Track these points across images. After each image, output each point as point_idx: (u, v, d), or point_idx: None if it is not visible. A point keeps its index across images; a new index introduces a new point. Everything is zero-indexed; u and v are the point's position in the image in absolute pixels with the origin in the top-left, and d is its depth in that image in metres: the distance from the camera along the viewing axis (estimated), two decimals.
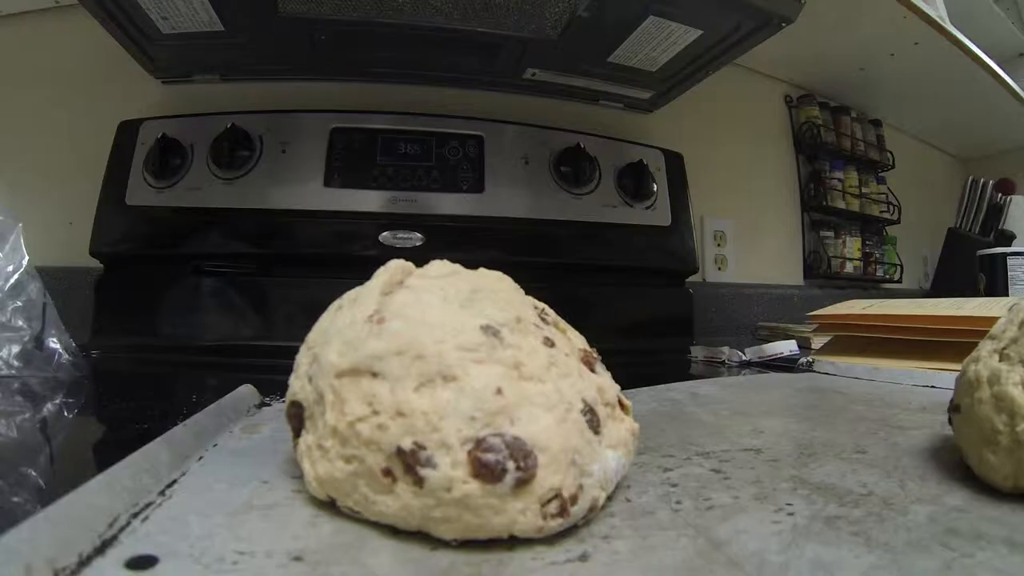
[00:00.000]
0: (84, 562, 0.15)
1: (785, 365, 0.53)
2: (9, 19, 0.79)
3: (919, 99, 1.24)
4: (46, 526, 0.14)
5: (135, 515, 0.17)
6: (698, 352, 0.67)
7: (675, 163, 0.82)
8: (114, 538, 0.16)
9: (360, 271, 0.23)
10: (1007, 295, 0.90)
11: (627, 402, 0.22)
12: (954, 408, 0.24)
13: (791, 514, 0.19)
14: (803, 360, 0.48)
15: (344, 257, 0.68)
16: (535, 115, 0.83)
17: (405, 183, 0.70)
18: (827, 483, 0.22)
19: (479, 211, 0.71)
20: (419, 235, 0.68)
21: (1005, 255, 0.94)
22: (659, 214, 0.79)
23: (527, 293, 0.22)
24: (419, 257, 0.21)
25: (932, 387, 0.39)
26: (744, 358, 0.63)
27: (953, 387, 0.24)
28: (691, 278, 0.87)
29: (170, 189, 0.67)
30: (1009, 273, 0.93)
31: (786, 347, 0.63)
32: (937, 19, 0.99)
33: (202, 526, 0.17)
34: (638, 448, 0.23)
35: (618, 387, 0.22)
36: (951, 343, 0.46)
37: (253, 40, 0.69)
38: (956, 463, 0.23)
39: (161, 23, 0.63)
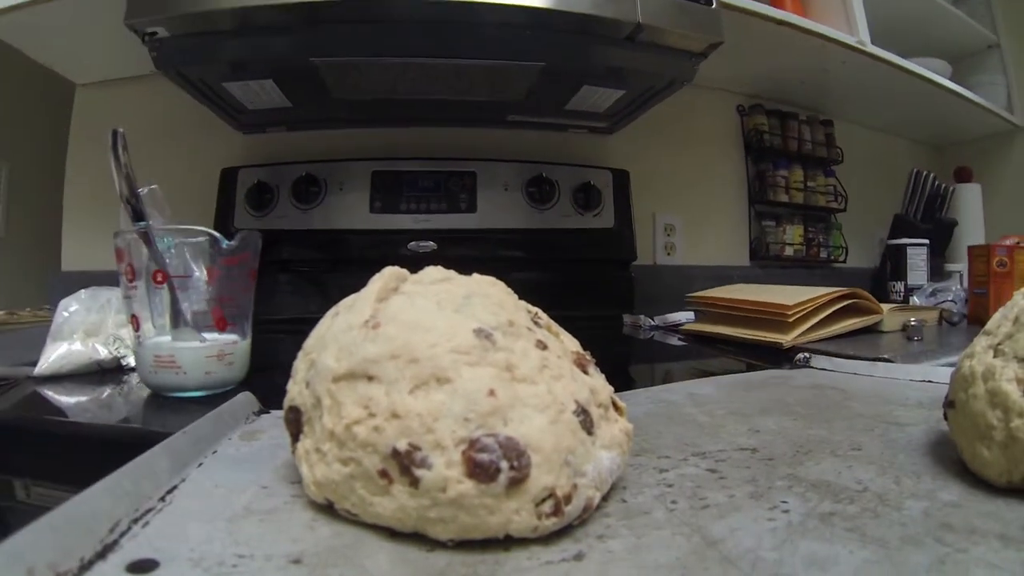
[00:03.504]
0: (85, 566, 0.15)
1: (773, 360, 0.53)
2: (118, 82, 1.03)
3: (864, 102, 1.35)
4: (48, 531, 0.15)
5: (136, 520, 0.17)
6: (627, 319, 0.92)
7: (621, 179, 1.06)
8: (115, 543, 0.16)
9: None
10: (906, 279, 1.14)
11: (621, 403, 0.22)
12: (949, 404, 0.24)
13: (786, 511, 0.19)
14: (800, 356, 0.48)
15: (383, 259, 0.92)
16: (517, 147, 1.08)
17: (423, 208, 0.99)
18: (822, 480, 0.22)
19: (473, 225, 0.99)
20: (433, 243, 0.96)
21: (905, 246, 1.15)
22: (604, 219, 1.04)
23: (508, 282, 0.23)
24: (434, 258, 0.26)
25: (929, 382, 0.39)
26: (653, 323, 0.88)
27: (949, 382, 0.24)
28: (645, 261, 1.13)
29: (264, 217, 0.95)
30: (908, 260, 1.14)
31: (684, 316, 0.85)
32: (856, 44, 1.08)
33: (202, 531, 0.17)
34: (634, 449, 0.23)
35: (612, 388, 0.22)
36: (759, 318, 0.69)
37: (311, 110, 0.98)
38: (951, 458, 0.23)
39: (247, 103, 0.90)
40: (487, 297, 0.20)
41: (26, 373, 0.48)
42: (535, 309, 0.22)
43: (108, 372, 0.50)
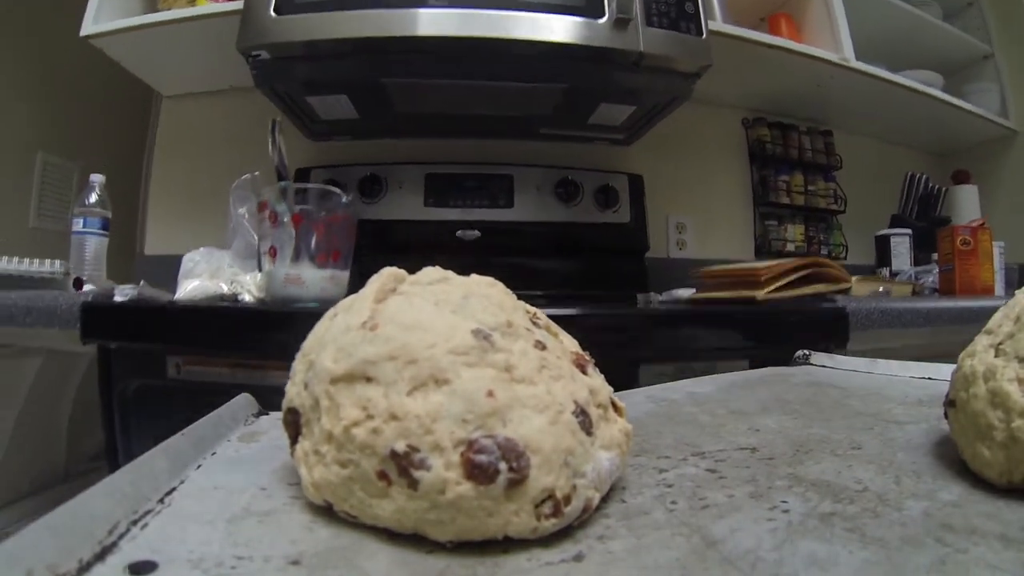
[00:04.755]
0: (84, 568, 0.15)
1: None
2: (200, 95, 1.25)
3: (861, 113, 1.47)
4: (47, 533, 0.15)
5: (135, 522, 0.17)
6: (641, 298, 1.08)
7: (636, 182, 1.28)
8: (114, 544, 0.16)
9: (445, 254, 0.37)
10: (890, 264, 1.33)
11: (620, 404, 0.22)
12: (950, 403, 0.24)
13: (786, 511, 0.19)
14: (800, 353, 0.48)
15: (436, 244, 1.16)
16: (548, 156, 1.27)
17: (469, 203, 1.20)
18: (822, 480, 0.22)
19: (511, 218, 1.20)
20: (477, 232, 1.15)
21: (889, 235, 1.35)
22: (621, 216, 1.24)
23: (539, 268, 0.23)
24: (478, 245, 0.28)
25: (929, 379, 0.39)
26: (661, 299, 1.03)
27: (949, 379, 0.24)
28: (659, 255, 1.34)
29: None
30: (892, 248, 1.34)
31: (687, 292, 0.99)
32: (840, 61, 1.20)
33: (201, 532, 0.17)
34: (634, 449, 0.23)
35: (611, 389, 0.22)
36: (741, 281, 0.84)
37: (376, 120, 1.19)
38: (951, 457, 0.23)
39: (321, 114, 1.11)
40: (485, 298, 0.20)
41: (168, 298, 0.62)
42: (533, 309, 0.22)
43: (227, 304, 0.64)
